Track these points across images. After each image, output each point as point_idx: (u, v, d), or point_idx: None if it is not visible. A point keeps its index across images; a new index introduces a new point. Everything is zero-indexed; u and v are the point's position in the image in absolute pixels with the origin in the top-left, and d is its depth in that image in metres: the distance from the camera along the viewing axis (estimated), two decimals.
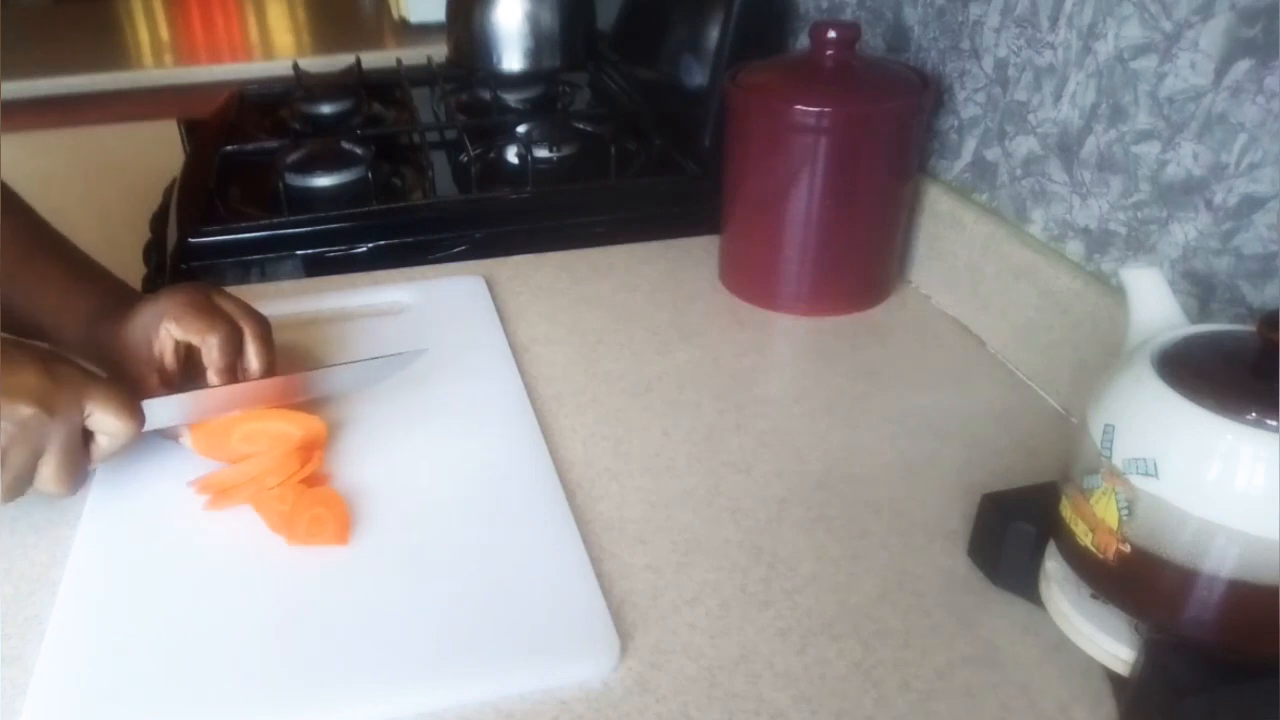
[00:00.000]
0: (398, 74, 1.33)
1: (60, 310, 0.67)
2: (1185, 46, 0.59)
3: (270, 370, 0.64)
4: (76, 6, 1.94)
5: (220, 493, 0.59)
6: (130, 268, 1.09)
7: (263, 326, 0.65)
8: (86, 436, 0.56)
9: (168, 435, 0.63)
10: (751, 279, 0.84)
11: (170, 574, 0.55)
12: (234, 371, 0.63)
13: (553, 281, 0.87)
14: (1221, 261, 0.59)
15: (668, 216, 0.97)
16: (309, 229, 0.92)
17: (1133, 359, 0.46)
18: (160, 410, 0.59)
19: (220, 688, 0.48)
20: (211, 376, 0.62)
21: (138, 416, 0.57)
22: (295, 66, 1.31)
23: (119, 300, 0.66)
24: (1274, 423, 0.40)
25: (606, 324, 0.81)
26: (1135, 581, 0.45)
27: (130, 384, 0.63)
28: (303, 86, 1.25)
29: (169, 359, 0.63)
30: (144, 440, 0.64)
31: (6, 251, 0.67)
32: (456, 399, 0.69)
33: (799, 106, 0.76)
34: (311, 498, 0.58)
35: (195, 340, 0.62)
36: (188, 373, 0.65)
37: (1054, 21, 0.69)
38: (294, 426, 0.62)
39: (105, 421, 0.56)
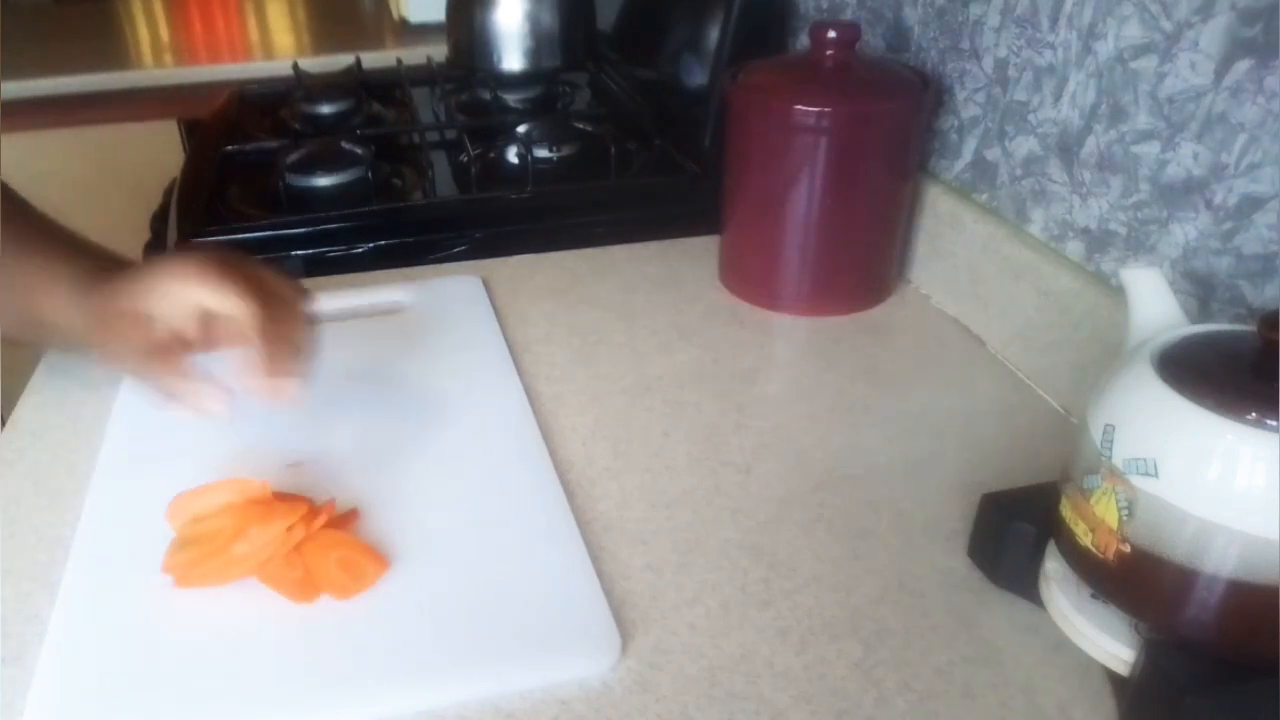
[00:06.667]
0: (398, 74, 1.32)
1: (51, 277, 0.61)
2: (1185, 46, 0.59)
3: (288, 345, 0.57)
4: (76, 6, 1.94)
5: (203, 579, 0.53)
6: None
7: (301, 296, 0.60)
8: None
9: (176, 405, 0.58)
10: (751, 279, 0.84)
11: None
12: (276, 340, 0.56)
13: (552, 281, 0.87)
14: (1221, 261, 0.59)
15: (668, 216, 0.97)
16: (309, 229, 0.92)
17: (1133, 359, 0.46)
18: None
19: (221, 687, 0.48)
20: (246, 349, 0.56)
21: None
22: (295, 66, 1.31)
23: (113, 263, 0.61)
24: (1274, 423, 0.40)
25: (606, 324, 0.81)
26: (1135, 581, 0.45)
27: (134, 348, 0.57)
28: (303, 86, 1.25)
29: (190, 326, 0.57)
30: (144, 435, 0.64)
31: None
32: (456, 399, 0.69)
33: (799, 106, 0.76)
34: (318, 548, 0.53)
35: (231, 308, 0.56)
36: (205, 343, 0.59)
37: (1054, 21, 0.69)
38: (232, 494, 0.55)
39: None
